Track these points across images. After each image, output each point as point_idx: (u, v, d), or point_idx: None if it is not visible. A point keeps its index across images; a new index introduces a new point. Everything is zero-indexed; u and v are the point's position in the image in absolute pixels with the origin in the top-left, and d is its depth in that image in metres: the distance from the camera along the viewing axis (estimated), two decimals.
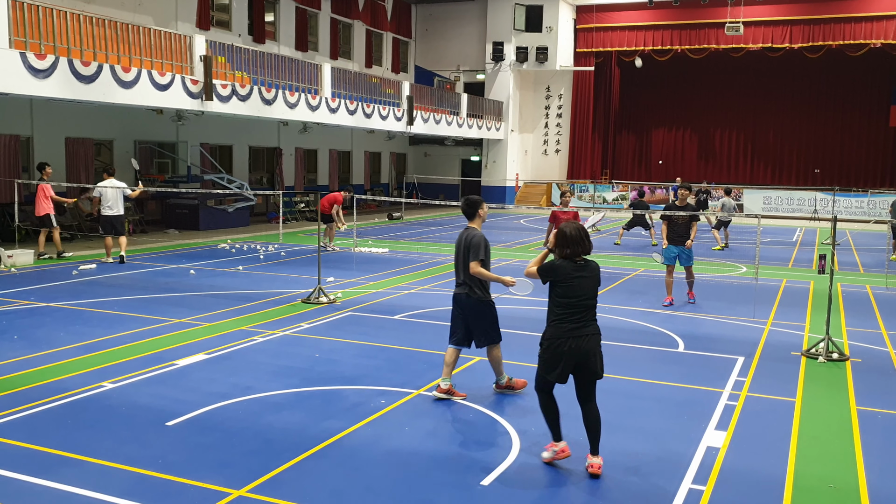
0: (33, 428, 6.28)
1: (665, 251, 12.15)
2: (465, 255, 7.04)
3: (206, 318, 10.48)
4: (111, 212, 15.43)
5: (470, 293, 7.08)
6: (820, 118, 35.81)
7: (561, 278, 5.60)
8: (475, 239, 7.01)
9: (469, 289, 7.08)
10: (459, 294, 7.17)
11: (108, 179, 15.65)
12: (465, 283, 7.10)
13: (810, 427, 6.69)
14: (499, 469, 5.64)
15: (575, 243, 5.62)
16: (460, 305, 7.18)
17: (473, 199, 7.31)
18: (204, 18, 24.18)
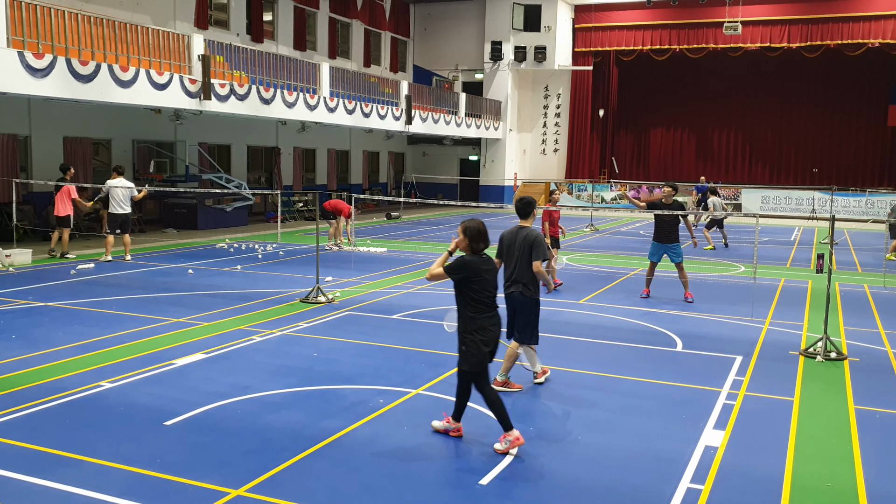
0: (31, 427, 6.27)
1: (651, 247, 12.41)
2: (525, 253, 7.13)
3: (204, 317, 10.48)
4: (120, 210, 15.43)
5: (525, 291, 7.18)
6: (818, 117, 35.84)
7: (474, 273, 5.97)
8: (539, 238, 7.19)
9: (524, 287, 7.18)
10: (514, 293, 7.23)
11: (116, 178, 15.61)
12: (520, 282, 7.17)
13: (808, 426, 6.70)
14: (497, 468, 5.64)
15: (486, 238, 6.18)
16: (514, 303, 7.26)
17: (529, 198, 7.47)
18: (202, 18, 24.17)
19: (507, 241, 7.31)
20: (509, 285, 7.29)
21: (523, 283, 7.18)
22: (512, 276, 7.26)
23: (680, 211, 12.23)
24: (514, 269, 7.22)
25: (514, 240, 7.26)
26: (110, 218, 15.76)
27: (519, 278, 7.19)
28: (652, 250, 12.46)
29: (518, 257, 7.18)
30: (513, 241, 7.26)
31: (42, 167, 19.77)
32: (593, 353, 9.13)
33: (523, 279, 7.18)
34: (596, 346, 9.41)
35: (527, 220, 7.39)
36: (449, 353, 8.76)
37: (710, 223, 21.04)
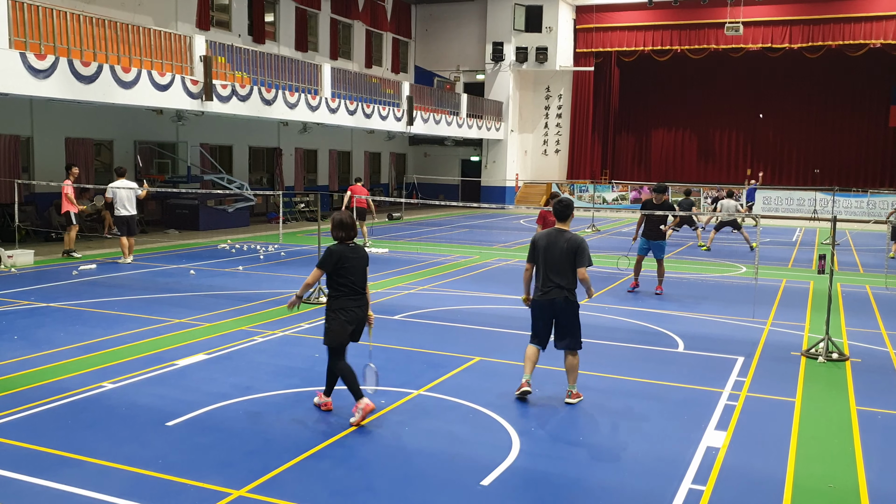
0: (33, 428, 6.28)
1: (639, 242, 13.10)
2: (569, 258, 6.91)
3: (206, 318, 10.49)
4: (126, 212, 15.41)
5: (570, 296, 6.98)
6: (819, 118, 35.81)
7: (340, 259, 6.46)
8: (583, 243, 6.98)
9: (569, 292, 6.97)
10: (556, 299, 6.96)
11: (119, 180, 15.62)
12: (563, 287, 6.95)
13: (810, 427, 6.70)
14: (499, 469, 5.64)
15: (349, 227, 6.56)
16: (555, 309, 7.01)
17: (568, 199, 7.26)
18: (204, 19, 24.19)
19: (544, 244, 7.04)
20: (548, 290, 6.99)
21: (567, 288, 6.95)
22: (551, 280, 6.98)
23: (669, 211, 12.90)
24: (555, 274, 6.96)
25: (553, 243, 6.99)
26: (116, 220, 15.76)
27: (561, 283, 6.94)
28: (640, 245, 13.17)
29: (560, 262, 6.93)
30: (552, 244, 6.99)
31: (44, 168, 19.79)
32: (594, 353, 9.12)
33: (566, 284, 6.95)
34: (597, 347, 9.41)
35: (565, 223, 7.13)
36: (450, 354, 8.78)
37: (720, 225, 20.79)
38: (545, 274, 7.02)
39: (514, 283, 14.04)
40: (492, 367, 8.39)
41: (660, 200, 12.94)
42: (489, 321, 10.65)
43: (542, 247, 7.04)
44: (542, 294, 7.03)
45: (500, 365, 8.49)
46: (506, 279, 14.72)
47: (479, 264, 16.55)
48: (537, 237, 7.16)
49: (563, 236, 7.01)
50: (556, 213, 7.20)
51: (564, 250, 6.92)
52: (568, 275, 6.95)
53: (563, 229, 7.09)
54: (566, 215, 7.15)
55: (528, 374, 7.15)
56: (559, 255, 6.93)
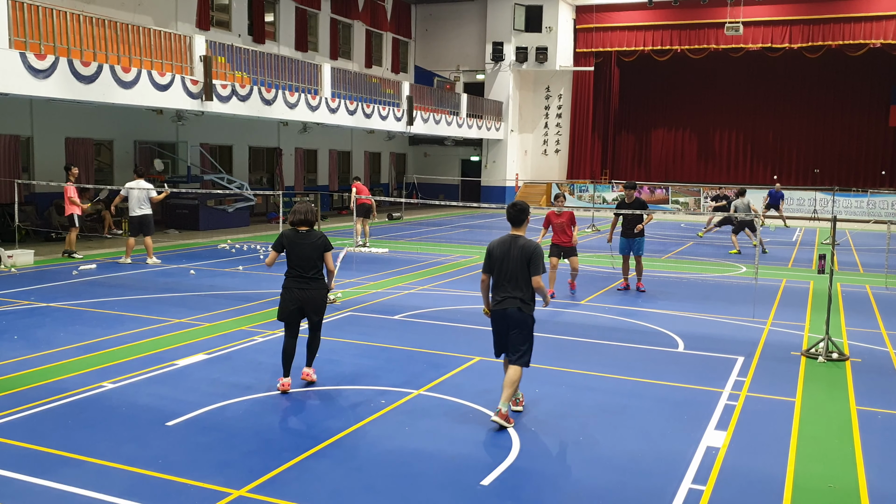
0: (33, 428, 6.28)
1: (619, 243, 13.24)
2: (523, 265, 6.51)
3: (206, 318, 10.49)
4: (140, 211, 15.33)
5: (523, 307, 6.55)
6: (819, 118, 35.82)
7: (286, 242, 7.26)
8: (538, 250, 6.56)
9: (522, 302, 6.55)
10: (510, 309, 6.55)
11: (136, 180, 15.54)
12: (517, 298, 6.54)
13: (810, 427, 6.69)
14: (499, 469, 5.64)
15: (300, 213, 7.27)
16: (508, 320, 6.59)
17: (523, 204, 6.82)
18: (204, 18, 24.19)
19: (499, 252, 6.64)
20: (501, 300, 6.59)
21: (521, 298, 6.53)
22: (506, 290, 6.58)
23: (641, 210, 12.99)
24: (509, 283, 6.56)
25: (507, 251, 6.59)
26: (130, 220, 15.77)
27: (515, 293, 6.53)
28: (621, 245, 13.26)
29: (513, 270, 6.53)
30: (506, 252, 6.59)
31: (44, 168, 19.80)
32: (594, 353, 9.13)
33: (520, 294, 6.53)
34: (597, 347, 9.41)
35: (520, 229, 6.73)
36: (451, 354, 8.78)
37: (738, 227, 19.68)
38: (500, 283, 6.64)
39: None
40: (492, 367, 8.39)
41: (631, 198, 13.07)
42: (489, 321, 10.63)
43: (498, 256, 6.64)
44: (497, 304, 6.65)
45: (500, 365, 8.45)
46: None
47: (480, 264, 16.52)
48: (492, 245, 6.75)
49: (516, 243, 6.60)
50: (509, 217, 6.76)
51: (518, 258, 6.53)
52: (522, 284, 6.53)
53: (518, 235, 6.68)
54: (521, 220, 6.73)
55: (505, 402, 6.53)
56: (514, 262, 6.55)
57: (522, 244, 6.58)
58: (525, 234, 6.72)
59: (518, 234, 6.69)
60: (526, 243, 6.58)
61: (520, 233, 6.72)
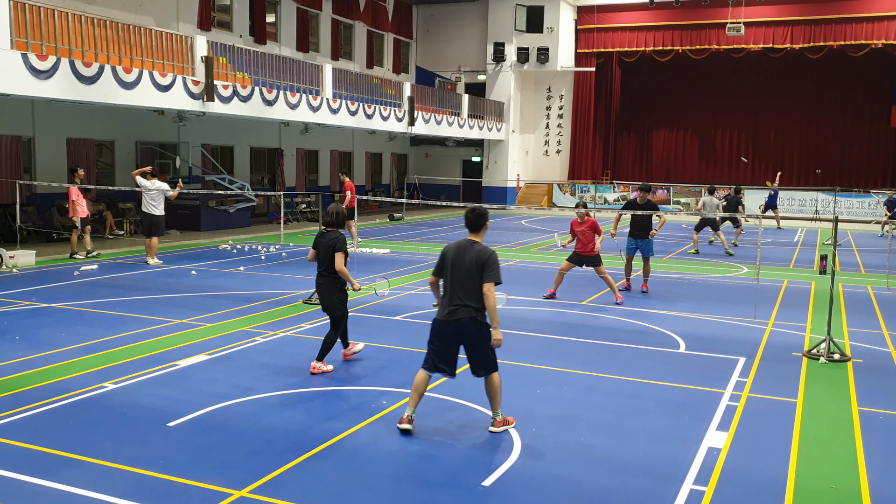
0: (35, 428, 6.28)
1: (627, 243, 13.38)
2: (476, 273, 6.21)
3: (207, 318, 10.49)
4: (156, 211, 15.50)
5: (478, 317, 6.23)
6: (821, 119, 35.80)
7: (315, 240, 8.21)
8: (492, 257, 6.25)
9: (476, 312, 6.22)
10: (463, 319, 6.20)
11: (151, 180, 15.62)
12: (469, 306, 6.20)
13: (812, 428, 6.69)
14: (500, 469, 5.64)
15: (325, 215, 8.23)
16: (461, 333, 6.26)
17: (482, 209, 6.53)
18: (205, 19, 24.20)
19: (452, 256, 6.33)
20: (455, 309, 6.22)
21: (474, 307, 6.20)
22: (457, 297, 6.24)
23: (653, 211, 13.12)
24: (461, 290, 6.22)
25: (461, 256, 6.28)
26: (143, 218, 15.91)
27: (468, 301, 6.20)
28: (628, 245, 13.39)
29: (466, 276, 6.22)
30: (460, 257, 6.28)
31: (45, 168, 19.81)
32: (596, 354, 9.13)
33: (473, 303, 6.20)
34: (599, 348, 9.41)
35: (478, 235, 6.42)
36: None
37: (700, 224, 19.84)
38: (452, 290, 6.29)
39: (516, 284, 14.04)
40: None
41: (644, 200, 13.23)
42: None
43: (450, 259, 6.33)
44: (448, 314, 6.25)
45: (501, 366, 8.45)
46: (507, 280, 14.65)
47: None
48: (446, 248, 6.45)
49: (472, 248, 6.31)
50: (467, 221, 6.46)
51: (473, 264, 6.22)
52: (476, 293, 6.20)
53: (475, 241, 6.38)
54: (479, 225, 6.43)
55: (413, 410, 6.36)
56: (468, 270, 6.23)
57: (479, 250, 6.29)
58: (483, 241, 6.46)
59: (475, 240, 6.40)
60: (482, 249, 6.30)
61: (477, 238, 6.43)
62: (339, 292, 8.10)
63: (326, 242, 8.04)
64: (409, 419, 6.32)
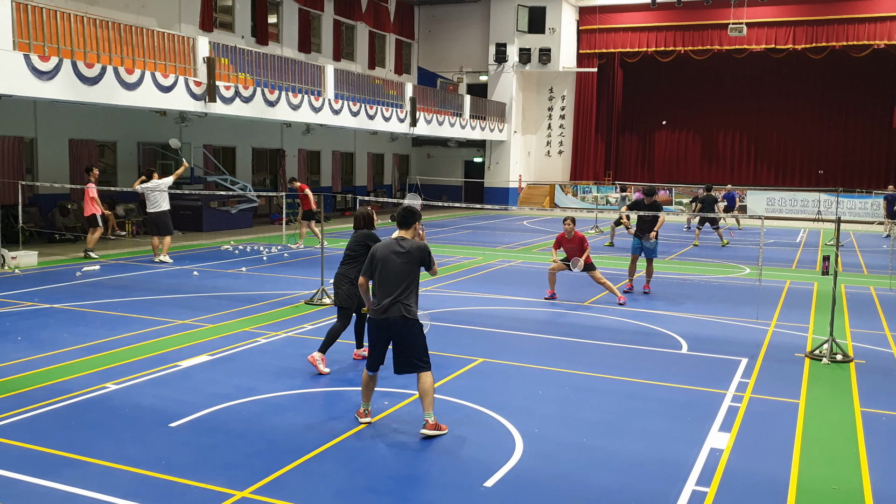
0: (37, 429, 6.29)
1: (633, 242, 13.42)
2: (409, 268, 6.29)
3: (209, 319, 10.49)
4: (160, 208, 15.77)
5: (408, 313, 6.22)
6: (823, 119, 35.76)
7: None
8: (426, 248, 6.38)
9: (406, 308, 6.23)
10: (394, 318, 6.20)
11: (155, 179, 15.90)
12: (401, 303, 6.21)
13: (814, 429, 6.68)
14: (502, 470, 5.63)
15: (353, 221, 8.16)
16: (391, 330, 6.25)
17: (412, 207, 6.60)
18: (207, 20, 24.22)
19: (381, 254, 6.35)
20: (386, 307, 6.22)
21: (406, 304, 6.23)
22: (388, 295, 6.24)
23: (658, 211, 13.15)
24: (392, 288, 6.23)
25: (390, 253, 6.33)
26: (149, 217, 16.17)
27: (400, 297, 6.22)
28: (634, 245, 13.38)
29: (397, 273, 6.25)
30: (389, 254, 6.32)
31: (48, 169, 19.83)
32: (598, 354, 9.12)
33: (406, 299, 6.24)
34: (601, 348, 9.41)
35: (407, 231, 6.49)
36: (454, 356, 8.77)
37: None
38: (382, 288, 6.30)
39: (518, 285, 14.05)
40: (495, 369, 8.39)
41: (650, 201, 13.33)
42: (492, 322, 10.65)
43: (381, 258, 6.35)
44: (381, 311, 6.26)
45: (503, 366, 8.49)
46: (509, 280, 14.71)
47: (483, 265, 16.54)
48: (375, 248, 6.47)
49: (402, 245, 6.36)
50: (397, 218, 6.52)
51: (404, 260, 6.28)
52: (406, 288, 6.24)
53: (403, 237, 6.45)
54: (409, 222, 6.50)
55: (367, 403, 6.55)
56: (397, 266, 6.28)
57: (409, 246, 6.36)
58: (411, 238, 6.51)
59: (404, 237, 6.47)
60: (413, 244, 6.38)
61: (405, 235, 6.50)
62: (349, 284, 8.02)
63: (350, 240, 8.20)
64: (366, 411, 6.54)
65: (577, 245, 12.16)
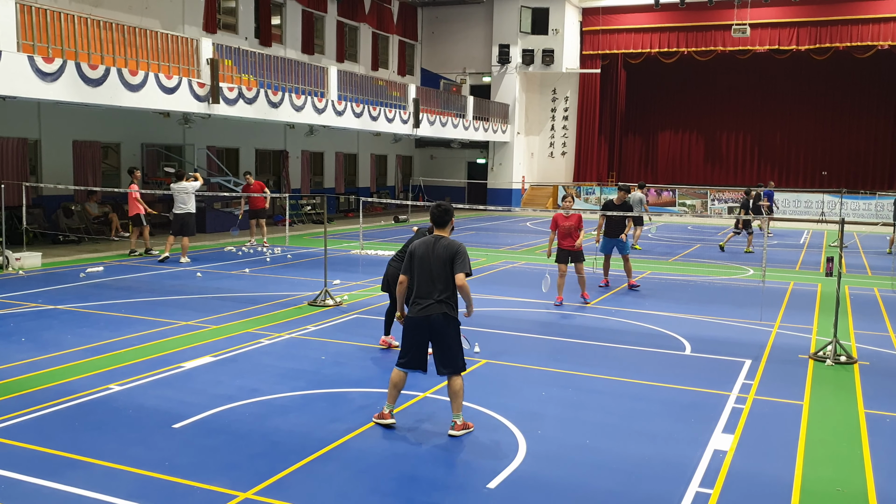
0: (40, 430, 6.30)
1: (602, 242, 13.83)
2: (446, 266, 6.28)
3: (212, 320, 10.50)
4: (181, 210, 16.34)
5: (449, 312, 6.29)
6: (827, 120, 35.70)
7: None
8: (461, 248, 6.35)
9: (448, 307, 6.29)
10: (434, 315, 6.24)
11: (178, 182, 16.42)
12: (443, 301, 6.26)
13: (818, 430, 6.67)
14: (505, 472, 5.63)
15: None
16: (432, 329, 6.29)
17: (447, 205, 6.64)
18: (210, 21, 24.25)
19: (420, 251, 6.40)
20: (424, 306, 6.27)
21: (448, 303, 6.28)
22: (428, 294, 6.29)
23: (628, 212, 13.67)
24: (432, 286, 6.28)
25: (429, 251, 6.36)
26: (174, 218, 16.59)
27: (439, 296, 6.26)
28: (603, 245, 13.85)
29: (436, 272, 6.28)
30: (428, 252, 6.36)
31: (52, 171, 19.87)
32: (601, 356, 9.11)
33: (444, 297, 6.27)
34: (604, 350, 9.40)
35: (444, 230, 6.54)
36: None
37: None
38: (420, 287, 6.34)
39: (521, 286, 14.04)
40: (498, 370, 8.39)
41: (620, 201, 13.67)
42: (496, 323, 10.64)
43: (419, 256, 6.38)
44: (420, 309, 6.30)
45: (506, 368, 8.49)
46: (512, 281, 14.71)
47: (486, 266, 16.54)
48: (413, 246, 6.50)
49: (440, 243, 6.38)
50: (433, 217, 6.58)
51: (442, 259, 6.29)
52: (445, 287, 6.27)
53: (441, 236, 6.47)
54: (445, 221, 6.54)
55: (392, 403, 6.50)
56: (436, 264, 6.30)
57: (446, 244, 6.37)
58: (449, 236, 6.54)
59: (441, 235, 6.50)
60: (449, 243, 6.39)
61: (443, 234, 6.53)
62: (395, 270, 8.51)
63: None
64: (390, 413, 6.51)
65: (574, 223, 12.21)
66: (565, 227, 12.18)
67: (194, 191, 16.53)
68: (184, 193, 16.34)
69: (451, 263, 6.29)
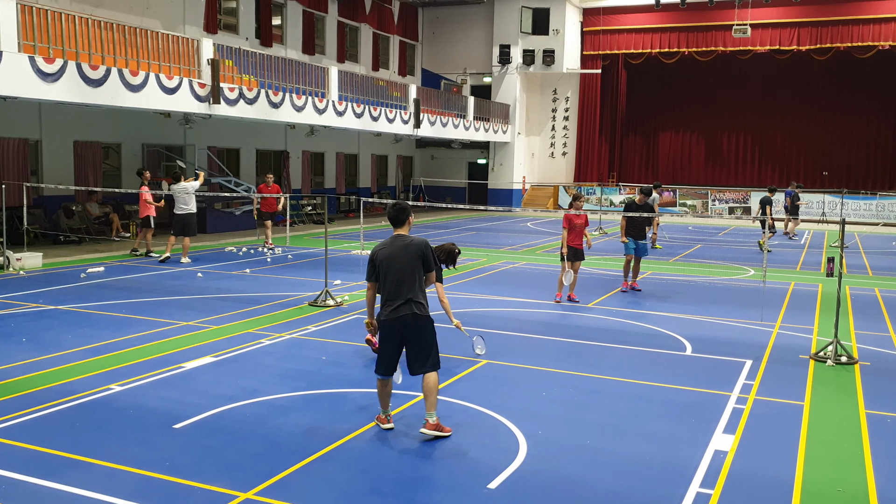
0: (41, 430, 6.30)
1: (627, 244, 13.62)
2: (412, 265, 6.23)
3: (213, 320, 10.50)
4: (182, 210, 16.35)
5: (419, 311, 6.18)
6: (828, 120, 35.68)
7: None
8: (427, 244, 6.31)
9: (418, 306, 6.19)
10: (406, 315, 6.15)
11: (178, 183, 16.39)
12: (413, 301, 6.18)
13: (819, 431, 6.66)
14: (506, 472, 5.63)
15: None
16: (404, 330, 6.20)
17: (404, 203, 6.56)
18: (211, 22, 24.26)
19: (384, 255, 6.29)
20: (396, 307, 6.17)
21: (418, 301, 6.20)
22: (398, 294, 6.20)
23: (650, 213, 13.74)
24: (400, 287, 6.19)
25: (392, 252, 6.28)
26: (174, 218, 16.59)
27: (409, 296, 6.18)
28: (629, 245, 13.66)
29: (401, 272, 6.21)
30: (391, 254, 6.28)
31: (52, 171, 19.88)
32: (602, 356, 9.11)
33: (417, 297, 6.20)
34: (605, 350, 9.40)
35: (402, 228, 6.44)
36: (458, 357, 8.77)
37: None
38: (389, 289, 6.25)
39: (522, 286, 14.03)
40: (499, 370, 8.39)
41: (642, 202, 13.78)
42: (496, 324, 10.64)
43: (382, 259, 6.29)
44: (391, 311, 6.21)
45: (507, 368, 8.48)
46: (513, 282, 14.71)
47: (486, 267, 16.54)
48: (374, 251, 6.38)
49: (401, 242, 6.32)
50: (389, 217, 6.48)
51: (406, 258, 6.24)
52: (413, 286, 6.20)
53: (401, 234, 6.41)
54: (401, 220, 6.44)
55: (386, 409, 6.49)
56: (400, 265, 6.23)
57: (408, 242, 6.31)
58: (408, 234, 6.48)
59: (401, 234, 6.43)
60: (411, 240, 6.31)
61: (402, 232, 6.45)
62: None
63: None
64: (387, 418, 6.48)
65: (584, 221, 12.70)
66: (578, 226, 12.42)
67: (194, 190, 16.51)
68: (184, 194, 16.34)
69: (421, 261, 6.28)
